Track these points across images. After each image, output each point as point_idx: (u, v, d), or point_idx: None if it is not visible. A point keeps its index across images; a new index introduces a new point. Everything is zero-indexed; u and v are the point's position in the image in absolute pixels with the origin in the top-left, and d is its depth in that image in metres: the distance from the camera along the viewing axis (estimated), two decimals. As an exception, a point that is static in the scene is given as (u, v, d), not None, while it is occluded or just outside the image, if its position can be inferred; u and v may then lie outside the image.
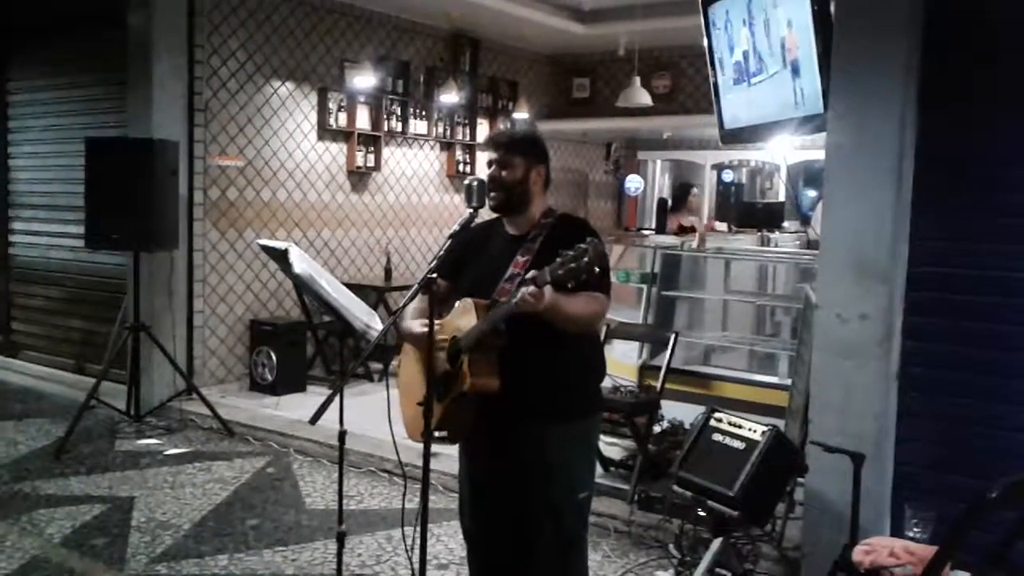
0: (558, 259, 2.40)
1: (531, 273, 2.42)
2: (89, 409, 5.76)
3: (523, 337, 2.61)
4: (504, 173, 2.80)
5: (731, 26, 5.38)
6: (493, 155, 2.85)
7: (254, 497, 4.86)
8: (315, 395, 6.85)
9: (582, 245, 2.39)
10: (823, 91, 4.26)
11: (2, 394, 6.98)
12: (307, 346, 7.24)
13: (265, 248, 3.16)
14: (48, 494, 4.83)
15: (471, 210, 2.84)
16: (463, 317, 2.69)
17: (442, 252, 2.78)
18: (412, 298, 2.83)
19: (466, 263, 2.88)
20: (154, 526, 4.42)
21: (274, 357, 6.81)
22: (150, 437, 5.85)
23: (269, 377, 6.82)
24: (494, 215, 2.91)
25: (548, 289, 2.43)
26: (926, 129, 3.54)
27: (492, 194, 2.82)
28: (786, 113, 4.80)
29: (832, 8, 4.16)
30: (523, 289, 2.42)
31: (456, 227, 2.82)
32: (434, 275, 2.74)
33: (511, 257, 2.75)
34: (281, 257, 2.96)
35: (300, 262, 2.99)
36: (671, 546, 4.01)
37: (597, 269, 2.41)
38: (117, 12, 6.51)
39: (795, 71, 4.70)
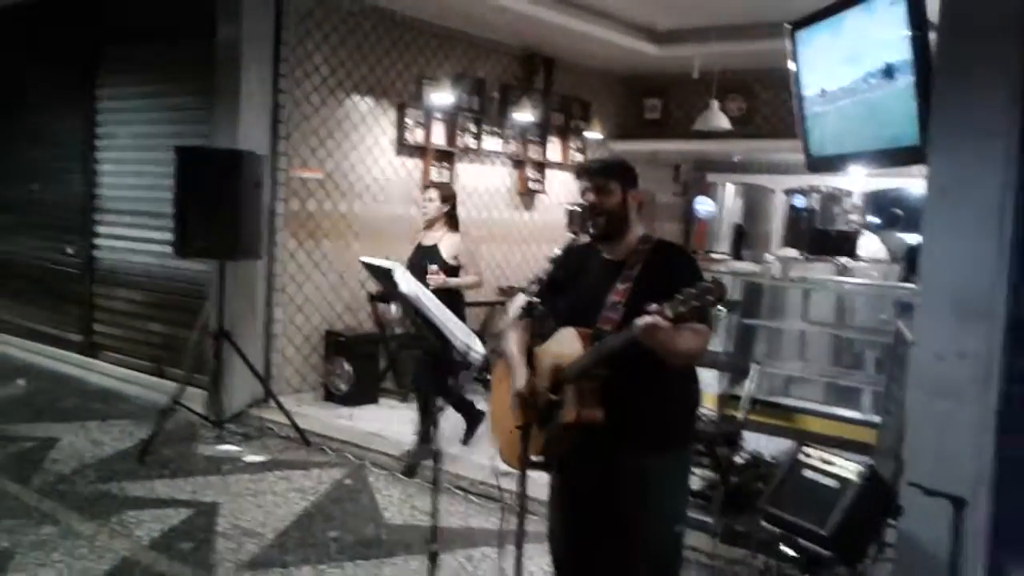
0: (679, 296, 2.38)
1: (653, 307, 2.41)
2: (171, 412, 5.90)
3: (625, 367, 2.61)
4: (603, 199, 2.82)
5: (820, 53, 5.34)
6: (588, 183, 2.86)
7: (333, 508, 4.93)
8: (387, 407, 6.92)
9: (706, 283, 2.37)
10: (920, 122, 4.22)
11: (84, 394, 7.19)
12: (380, 359, 7.31)
13: (368, 266, 3.23)
14: (135, 496, 4.95)
15: (572, 235, 2.89)
16: (565, 346, 2.71)
17: (542, 276, 2.82)
18: (512, 322, 2.86)
19: (564, 287, 2.90)
20: (239, 533, 4.51)
21: (348, 368, 6.89)
22: (230, 443, 5.97)
23: (343, 388, 6.90)
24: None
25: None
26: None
27: (593, 220, 2.84)
28: (877, 144, 4.74)
29: (932, 37, 4.11)
30: (648, 319, 2.40)
31: (557, 251, 2.87)
32: (536, 300, 2.77)
33: (611, 284, 2.76)
34: (385, 276, 3.03)
35: (406, 282, 3.05)
36: (755, 581, 3.98)
37: (721, 309, 2.41)
38: (207, 24, 6.67)
39: (889, 101, 4.65)
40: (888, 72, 4.73)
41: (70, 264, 8.37)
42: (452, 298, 5.35)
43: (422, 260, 5.53)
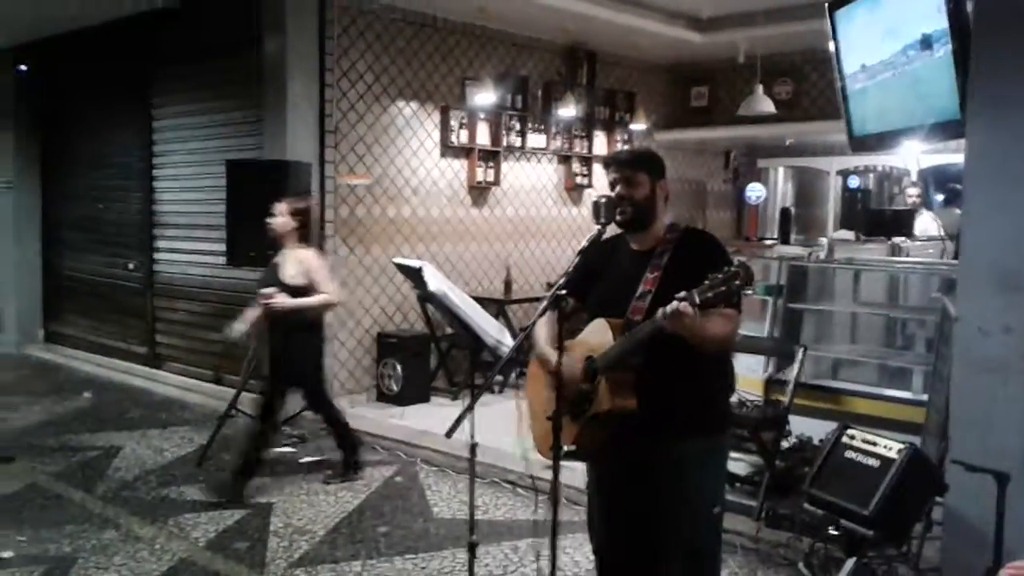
0: (707, 281, 2.39)
1: (682, 294, 2.42)
2: (229, 418, 6.06)
3: (658, 355, 2.61)
4: (632, 190, 2.83)
5: (859, 30, 5.25)
6: (616, 174, 2.87)
7: (384, 505, 5.01)
8: (438, 406, 7.01)
9: (732, 268, 2.37)
10: (960, 95, 4.12)
11: (148, 404, 7.44)
12: (430, 358, 7.40)
13: (400, 266, 3.32)
14: (193, 499, 5.11)
15: (599, 227, 2.89)
16: (597, 336, 2.72)
17: (571, 269, 2.82)
18: (541, 315, 2.88)
19: (594, 279, 2.91)
20: (291, 532, 4.62)
21: (399, 369, 7.00)
22: (284, 445, 6.10)
23: (395, 388, 7.01)
24: (618, 231, 2.94)
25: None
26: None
27: (621, 211, 2.84)
28: (918, 119, 4.65)
29: (969, 6, 4.02)
30: (674, 306, 2.41)
31: (584, 244, 2.87)
32: (563, 292, 2.79)
33: (640, 274, 2.76)
34: (415, 275, 3.09)
35: (434, 280, 3.10)
36: (801, 565, 3.93)
37: (748, 292, 2.40)
38: (253, 40, 6.86)
39: (928, 73, 4.54)
40: (926, 42, 4.63)
41: (132, 279, 8.69)
42: (305, 326, 5.08)
43: (270, 279, 5.15)
